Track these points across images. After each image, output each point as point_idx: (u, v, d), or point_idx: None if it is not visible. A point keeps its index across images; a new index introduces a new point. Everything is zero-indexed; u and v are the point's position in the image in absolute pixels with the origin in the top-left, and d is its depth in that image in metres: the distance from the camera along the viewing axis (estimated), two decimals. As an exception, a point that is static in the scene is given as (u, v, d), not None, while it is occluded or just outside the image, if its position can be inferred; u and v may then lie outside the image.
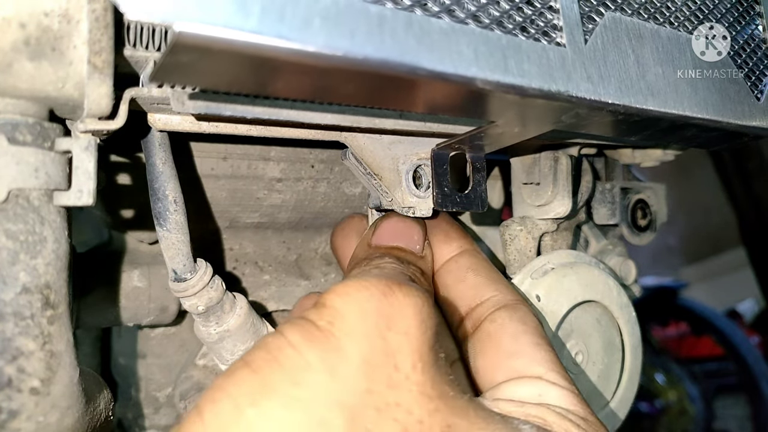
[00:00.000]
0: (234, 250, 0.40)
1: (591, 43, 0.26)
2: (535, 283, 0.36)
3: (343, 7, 0.20)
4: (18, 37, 0.22)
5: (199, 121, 0.28)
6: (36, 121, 0.23)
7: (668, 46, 0.29)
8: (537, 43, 0.24)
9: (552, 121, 0.28)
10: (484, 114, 0.27)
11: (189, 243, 0.29)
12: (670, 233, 2.51)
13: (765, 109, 0.33)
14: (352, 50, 0.20)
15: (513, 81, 0.23)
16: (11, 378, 0.22)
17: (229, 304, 0.31)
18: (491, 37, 0.23)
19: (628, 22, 0.28)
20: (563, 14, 0.26)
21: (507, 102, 0.25)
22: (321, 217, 0.42)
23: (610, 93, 0.26)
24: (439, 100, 0.25)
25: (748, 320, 2.00)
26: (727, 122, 0.31)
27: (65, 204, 0.24)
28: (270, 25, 0.18)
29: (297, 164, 0.38)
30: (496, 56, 0.23)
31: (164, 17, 0.17)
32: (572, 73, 0.25)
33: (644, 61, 0.28)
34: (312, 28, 0.19)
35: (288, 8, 0.19)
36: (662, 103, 0.28)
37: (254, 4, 0.18)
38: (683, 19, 0.31)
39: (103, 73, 0.23)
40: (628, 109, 0.27)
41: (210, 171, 0.35)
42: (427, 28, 0.22)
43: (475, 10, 0.23)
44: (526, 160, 0.40)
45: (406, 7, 0.22)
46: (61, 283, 0.24)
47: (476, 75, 0.22)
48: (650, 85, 0.28)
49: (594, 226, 0.47)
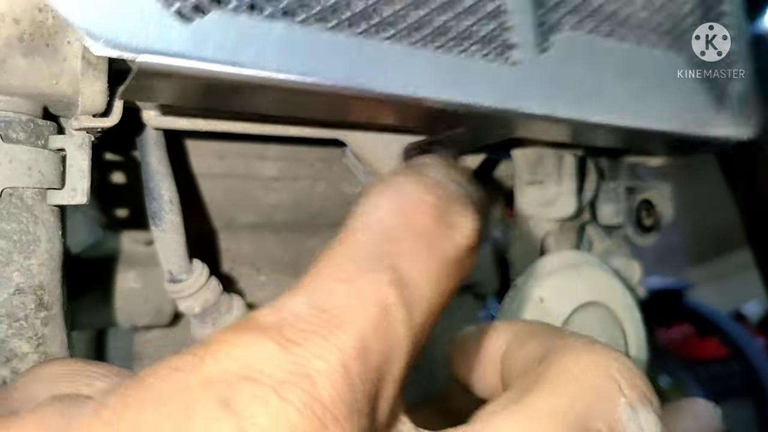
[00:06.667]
0: (230, 251, 0.40)
1: (546, 60, 0.27)
2: (538, 284, 0.35)
3: (296, 35, 0.21)
4: (12, 32, 0.21)
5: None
6: (29, 118, 0.23)
7: (629, 60, 0.30)
8: (490, 63, 0.26)
9: (507, 132, 0.29)
10: (441, 126, 0.28)
11: (185, 243, 0.29)
12: (675, 233, 2.50)
13: (728, 118, 0.34)
14: (304, 74, 0.21)
15: (463, 100, 0.25)
16: (5, 380, 0.22)
17: (226, 305, 0.31)
18: (443, 57, 0.24)
19: (586, 39, 0.29)
20: (518, 32, 0.27)
21: (459, 117, 0.26)
22: (319, 217, 0.41)
23: (561, 108, 0.27)
24: (395, 117, 0.26)
25: (753, 322, 1.98)
26: (687, 133, 0.32)
27: (59, 203, 0.24)
28: (225, 54, 0.20)
29: (295, 163, 0.37)
30: (447, 77, 0.24)
31: (128, 52, 0.19)
32: (524, 90, 0.26)
33: (601, 75, 0.29)
34: (266, 55, 0.21)
35: (243, 38, 0.21)
36: (618, 117, 0.29)
37: (211, 35, 0.20)
38: (648, 33, 0.32)
39: (97, 69, 0.23)
40: (580, 123, 0.28)
41: (206, 170, 0.35)
42: (377, 50, 0.23)
43: (429, 33, 0.24)
44: (529, 159, 0.40)
45: (359, 32, 0.23)
46: (55, 283, 0.24)
47: (426, 95, 0.24)
48: (606, 99, 0.29)
49: (598, 226, 0.46)
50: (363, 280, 0.16)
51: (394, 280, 0.16)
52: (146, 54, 0.19)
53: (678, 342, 1.84)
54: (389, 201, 0.18)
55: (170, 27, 0.20)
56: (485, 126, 0.28)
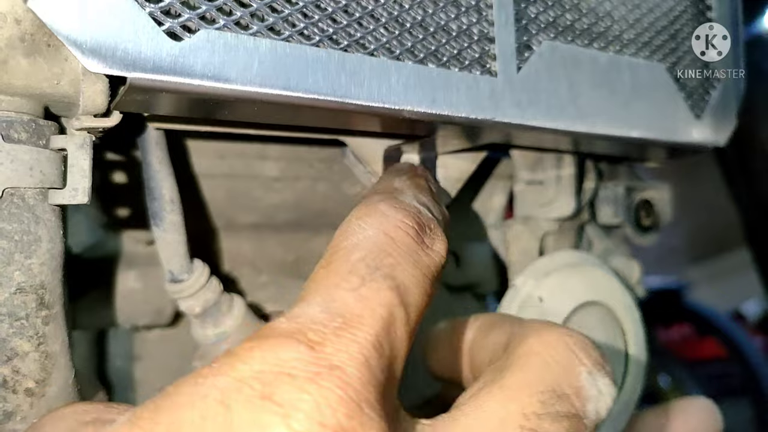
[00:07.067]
0: (231, 251, 0.40)
1: (524, 71, 0.28)
2: (538, 284, 0.35)
3: (280, 51, 0.22)
4: (13, 33, 0.21)
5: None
6: (31, 118, 0.23)
7: (607, 69, 0.31)
8: (468, 74, 0.26)
9: (484, 139, 0.30)
10: (420, 132, 0.29)
11: (185, 243, 0.29)
12: (674, 233, 2.51)
13: (704, 125, 0.34)
14: (287, 89, 0.22)
15: (439, 111, 0.25)
16: (6, 379, 0.22)
17: (227, 305, 0.31)
18: (423, 70, 0.25)
19: (565, 49, 0.30)
20: (498, 44, 0.27)
21: (436, 126, 0.27)
22: (320, 217, 0.41)
23: (537, 117, 0.28)
24: (374, 125, 0.27)
25: (752, 321, 1.99)
26: (660, 140, 0.33)
27: (60, 203, 0.24)
28: (213, 71, 0.21)
29: (296, 163, 0.38)
30: (425, 89, 0.25)
31: (120, 69, 0.20)
32: (501, 101, 0.27)
33: (578, 85, 0.30)
34: (251, 70, 0.22)
35: (230, 55, 0.22)
36: (591, 125, 0.30)
37: (199, 52, 0.21)
38: (627, 43, 0.32)
39: (98, 69, 0.23)
40: (556, 132, 0.29)
41: (207, 170, 0.35)
42: (359, 65, 0.24)
43: (411, 47, 0.25)
44: (529, 159, 0.40)
45: (342, 46, 0.24)
46: (56, 283, 0.24)
47: (403, 107, 0.25)
48: (581, 108, 0.30)
49: (597, 226, 0.46)
50: (368, 288, 0.18)
51: (393, 287, 0.19)
52: (138, 72, 0.20)
53: (677, 341, 1.85)
54: (374, 223, 0.21)
55: (161, 45, 0.21)
56: (464, 132, 0.29)
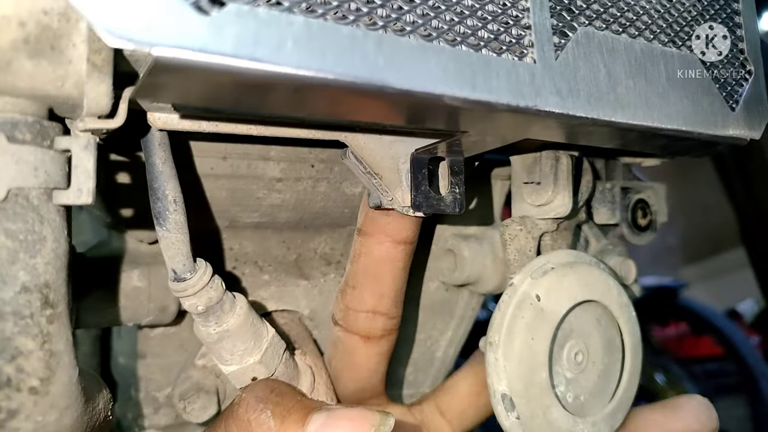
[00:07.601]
0: (234, 250, 0.40)
1: (562, 58, 0.27)
2: (534, 282, 0.35)
3: (315, 29, 0.21)
4: (17, 35, 0.21)
5: (200, 120, 0.28)
6: (35, 119, 0.23)
7: (641, 58, 0.30)
8: (507, 60, 0.25)
9: (523, 132, 0.29)
10: (454, 125, 0.28)
11: (189, 243, 0.29)
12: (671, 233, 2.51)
13: (739, 118, 0.33)
14: (323, 71, 0.21)
15: (480, 97, 0.24)
16: (10, 377, 0.22)
17: (229, 303, 0.31)
18: (460, 54, 0.24)
19: (601, 36, 0.29)
20: (535, 30, 0.26)
21: (475, 115, 0.25)
22: (321, 217, 0.41)
23: (578, 107, 0.27)
24: (410, 115, 0.26)
25: (748, 320, 2.00)
26: (698, 132, 0.32)
27: (64, 203, 0.24)
28: (244, 49, 0.19)
29: (297, 164, 0.38)
30: (464, 73, 0.24)
31: (143, 44, 0.18)
32: (541, 88, 0.26)
33: (615, 74, 0.29)
34: (285, 50, 0.20)
35: (262, 31, 0.20)
36: (631, 115, 0.29)
37: (229, 28, 0.19)
38: (659, 31, 0.31)
39: (102, 71, 0.23)
40: (596, 122, 0.28)
41: (210, 170, 0.35)
42: (396, 46, 0.22)
43: (446, 28, 0.24)
44: (526, 160, 0.40)
45: (378, 27, 0.22)
46: (60, 282, 0.24)
47: (443, 92, 0.23)
48: (620, 97, 0.29)
49: (594, 225, 0.47)
50: None
51: None
52: (163, 47, 0.18)
53: (673, 340, 1.86)
54: None
55: (188, 19, 0.18)
56: (495, 128, 0.28)
